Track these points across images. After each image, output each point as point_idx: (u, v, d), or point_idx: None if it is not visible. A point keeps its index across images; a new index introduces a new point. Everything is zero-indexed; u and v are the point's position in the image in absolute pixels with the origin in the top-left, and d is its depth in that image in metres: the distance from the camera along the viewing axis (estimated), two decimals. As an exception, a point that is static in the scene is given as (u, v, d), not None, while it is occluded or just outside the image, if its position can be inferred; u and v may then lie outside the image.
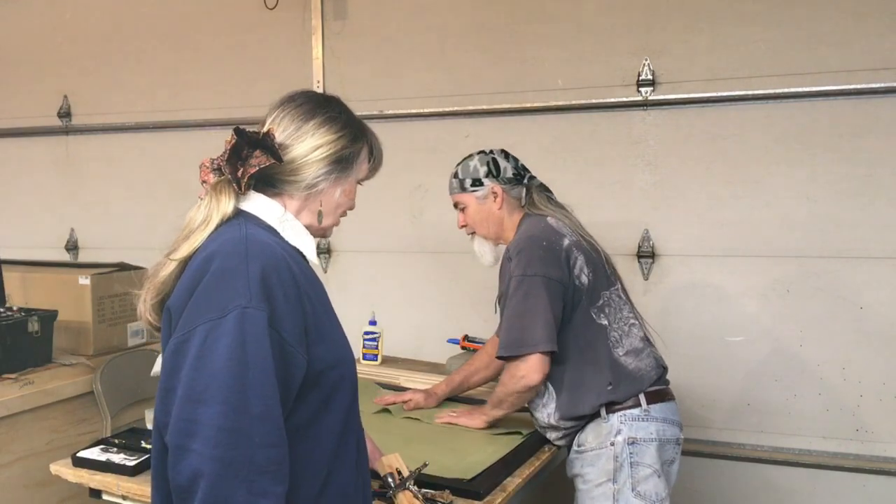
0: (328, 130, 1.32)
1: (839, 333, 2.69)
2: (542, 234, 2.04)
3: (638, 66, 2.85)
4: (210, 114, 3.50)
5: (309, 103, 1.34)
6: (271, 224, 1.28)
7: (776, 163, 2.73)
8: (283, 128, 1.31)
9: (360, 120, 1.41)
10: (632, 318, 2.08)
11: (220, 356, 1.08)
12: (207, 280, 1.14)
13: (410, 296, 3.23)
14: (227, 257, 1.16)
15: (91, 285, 2.66)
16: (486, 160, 2.15)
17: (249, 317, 1.10)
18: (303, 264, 1.27)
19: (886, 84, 2.58)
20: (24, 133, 3.90)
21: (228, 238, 1.19)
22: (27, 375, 2.43)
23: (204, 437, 1.06)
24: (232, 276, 1.13)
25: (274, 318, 1.12)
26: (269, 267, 1.15)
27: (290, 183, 1.30)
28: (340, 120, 1.34)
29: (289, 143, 1.30)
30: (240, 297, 1.11)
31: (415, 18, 3.18)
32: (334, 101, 1.38)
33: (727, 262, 2.80)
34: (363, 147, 1.38)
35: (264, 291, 1.13)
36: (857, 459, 2.69)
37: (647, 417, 1.96)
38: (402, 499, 1.56)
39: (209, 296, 1.13)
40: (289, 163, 1.29)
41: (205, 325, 1.11)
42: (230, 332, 1.09)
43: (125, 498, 1.78)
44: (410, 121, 3.20)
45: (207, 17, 3.52)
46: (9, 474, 2.32)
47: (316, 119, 1.32)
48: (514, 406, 2.05)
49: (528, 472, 1.89)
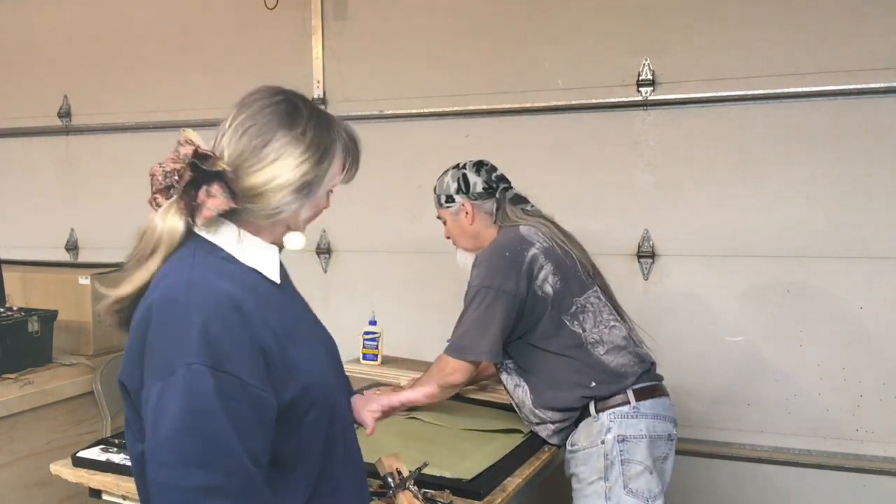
0: (289, 156, 1.19)
1: (839, 333, 2.69)
2: (508, 243, 2.08)
3: (638, 66, 2.85)
4: (210, 114, 3.47)
5: (271, 119, 1.20)
6: (226, 249, 1.19)
7: (776, 163, 2.73)
8: (240, 149, 1.18)
9: (332, 126, 1.26)
10: (612, 319, 2.09)
11: (173, 416, 1.05)
12: (153, 335, 1.10)
13: (410, 296, 3.23)
14: (168, 308, 1.10)
15: (91, 285, 2.66)
16: (456, 176, 2.19)
17: (196, 373, 1.06)
18: (260, 288, 1.19)
19: (886, 84, 2.58)
20: (24, 133, 3.90)
21: (170, 286, 1.13)
22: (27, 375, 2.43)
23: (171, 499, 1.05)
24: (177, 330, 1.08)
25: (227, 364, 1.07)
26: (214, 313, 1.09)
27: (247, 210, 1.19)
28: (304, 140, 1.20)
29: (246, 168, 1.17)
30: (185, 352, 1.06)
31: (415, 18, 3.18)
32: (300, 112, 1.22)
33: (727, 262, 2.80)
34: (331, 164, 1.25)
35: (211, 343, 1.07)
36: (857, 459, 2.69)
37: (637, 414, 1.98)
38: (402, 499, 1.56)
39: (157, 352, 1.10)
40: (246, 191, 1.17)
41: (157, 385, 1.07)
42: (178, 390, 1.05)
43: (125, 498, 1.77)
44: (410, 121, 3.20)
45: (207, 17, 3.52)
46: (9, 474, 2.32)
47: (275, 143, 1.19)
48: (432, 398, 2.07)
49: (528, 472, 1.90)
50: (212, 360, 1.07)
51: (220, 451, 1.06)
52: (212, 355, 1.07)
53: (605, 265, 2.26)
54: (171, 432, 1.05)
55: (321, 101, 3.29)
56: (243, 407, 1.08)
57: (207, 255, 1.18)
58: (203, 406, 1.06)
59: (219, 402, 1.06)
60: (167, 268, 1.17)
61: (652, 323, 2.80)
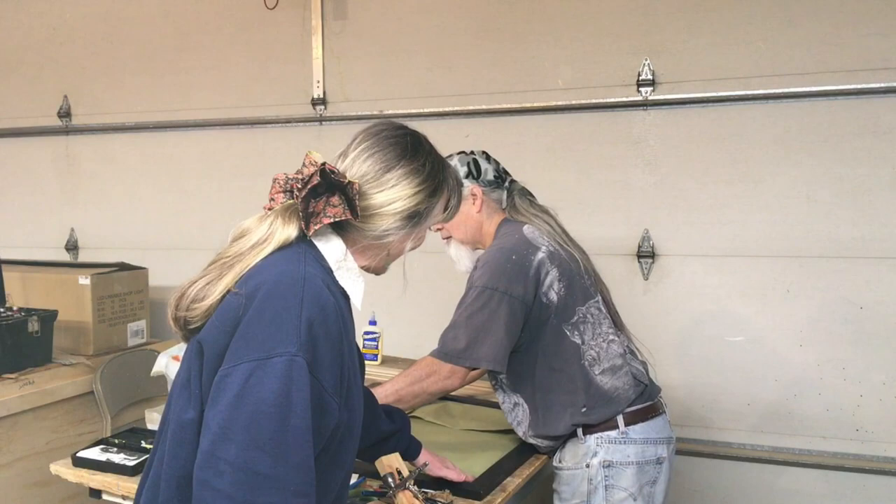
0: (408, 184, 1.26)
1: (839, 333, 2.69)
2: (514, 246, 1.95)
3: (638, 66, 2.85)
4: (210, 114, 3.50)
5: (396, 148, 1.27)
6: (329, 263, 1.24)
7: (776, 163, 2.73)
8: (364, 171, 1.25)
9: (444, 165, 1.35)
10: (611, 333, 1.98)
11: (264, 400, 1.05)
12: (257, 315, 1.11)
13: (410, 296, 3.22)
14: (281, 297, 1.12)
15: (91, 285, 2.67)
16: (466, 161, 2.07)
17: (297, 365, 1.07)
18: (346, 312, 1.23)
19: (886, 84, 2.58)
20: (24, 133, 3.90)
21: (286, 273, 1.15)
22: (27, 375, 2.44)
23: (234, 479, 1.04)
24: (284, 318, 1.10)
25: (315, 366, 1.10)
26: (320, 316, 1.12)
27: (357, 229, 1.25)
28: (423, 172, 1.28)
29: (365, 189, 1.24)
30: (290, 342, 1.08)
31: (415, 18, 3.18)
32: (422, 146, 1.31)
33: (727, 262, 2.80)
34: (440, 199, 1.32)
35: (311, 340, 1.10)
36: (857, 459, 2.69)
37: (626, 440, 1.90)
38: (402, 499, 1.56)
39: (257, 333, 1.10)
40: (362, 210, 1.22)
41: (248, 365, 1.07)
42: (277, 377, 1.06)
43: (125, 498, 1.78)
44: (410, 121, 3.13)
45: (207, 17, 3.52)
46: (9, 474, 2.32)
47: (398, 170, 1.26)
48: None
49: (528, 472, 1.90)
50: (311, 359, 1.09)
51: (295, 447, 1.06)
52: (311, 354, 1.09)
53: (605, 265, 2.25)
54: (255, 413, 1.05)
55: (321, 101, 3.29)
56: (317, 410, 1.10)
57: (316, 262, 1.21)
58: (296, 398, 1.07)
59: (309, 400, 1.08)
60: (278, 257, 1.19)
61: (652, 323, 2.82)
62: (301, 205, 1.20)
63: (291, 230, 1.21)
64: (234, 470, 1.04)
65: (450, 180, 1.35)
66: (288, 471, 1.05)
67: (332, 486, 1.23)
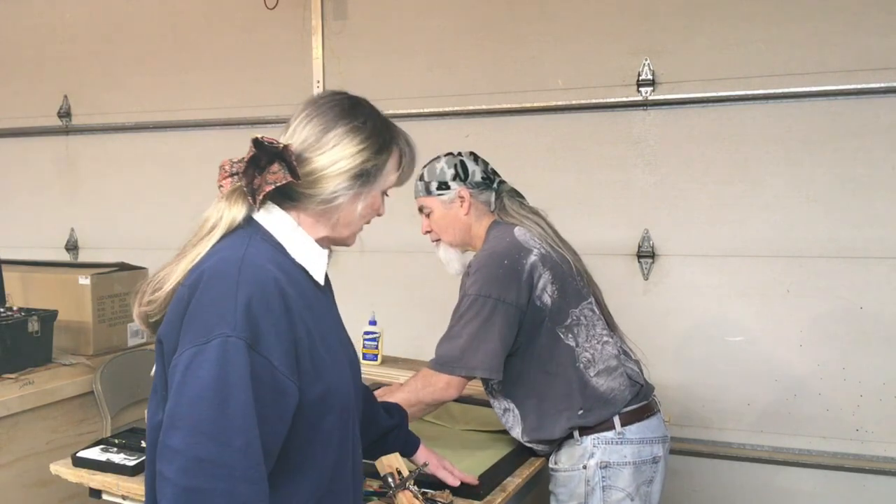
0: (350, 142, 1.25)
1: (839, 333, 2.69)
2: (506, 250, 1.92)
3: (638, 66, 2.85)
4: (210, 114, 3.50)
5: (333, 110, 1.27)
6: (279, 239, 1.23)
7: (776, 163, 2.73)
8: (304, 136, 1.25)
9: (391, 125, 1.33)
10: (605, 334, 1.96)
11: (202, 384, 1.05)
12: (197, 303, 1.12)
13: (410, 296, 3.23)
14: (219, 281, 1.12)
15: (91, 285, 2.66)
16: (453, 162, 2.04)
17: (233, 346, 1.07)
18: (303, 285, 1.23)
19: (886, 84, 2.58)
20: (24, 133, 3.90)
21: (224, 258, 1.16)
22: (27, 375, 2.43)
23: (178, 466, 1.04)
24: (221, 301, 1.10)
25: (260, 345, 1.09)
26: (258, 293, 1.11)
27: (306, 196, 1.24)
28: (365, 129, 1.27)
29: (307, 154, 1.23)
30: (225, 324, 1.08)
31: (415, 18, 3.18)
32: (361, 106, 1.30)
33: (727, 262, 2.80)
34: (389, 158, 1.31)
35: (250, 320, 1.09)
36: (857, 459, 2.70)
37: (622, 440, 1.89)
38: (402, 499, 1.56)
39: (198, 320, 1.10)
40: (306, 175, 1.22)
41: (189, 351, 1.08)
42: (212, 360, 1.06)
43: (125, 498, 1.78)
44: (410, 121, 3.19)
45: (207, 17, 3.52)
46: (9, 474, 2.32)
47: (338, 129, 1.25)
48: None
49: (528, 472, 1.89)
50: (250, 338, 1.08)
51: (238, 429, 1.06)
52: (251, 333, 1.09)
53: (604, 265, 2.25)
54: (195, 398, 1.05)
55: (321, 101, 3.29)
56: (268, 391, 1.09)
57: (263, 242, 1.21)
58: (233, 380, 1.06)
59: (248, 379, 1.07)
60: (223, 244, 1.20)
61: (652, 323, 2.82)
62: (244, 180, 1.21)
63: (237, 211, 1.22)
64: (180, 457, 1.04)
65: (399, 140, 1.34)
66: (233, 455, 1.04)
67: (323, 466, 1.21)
